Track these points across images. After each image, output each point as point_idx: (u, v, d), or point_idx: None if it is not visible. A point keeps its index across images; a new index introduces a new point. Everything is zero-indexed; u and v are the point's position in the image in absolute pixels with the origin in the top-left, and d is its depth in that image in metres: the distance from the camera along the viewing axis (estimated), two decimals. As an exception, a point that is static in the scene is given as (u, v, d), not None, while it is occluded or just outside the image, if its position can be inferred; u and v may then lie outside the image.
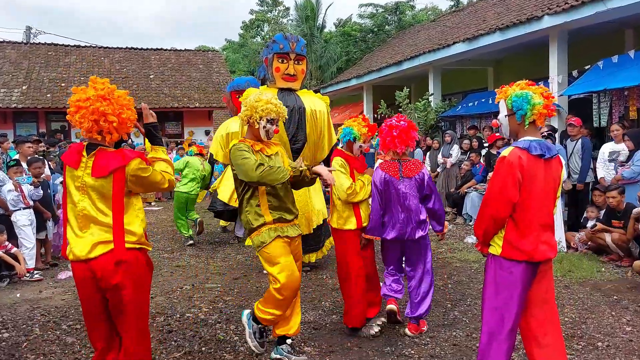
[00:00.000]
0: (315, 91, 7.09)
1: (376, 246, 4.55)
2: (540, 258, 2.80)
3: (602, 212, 6.78)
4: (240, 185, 3.57)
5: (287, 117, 5.63)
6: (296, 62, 5.98)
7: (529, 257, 2.77)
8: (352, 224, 4.13)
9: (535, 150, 2.76)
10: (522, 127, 2.89)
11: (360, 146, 4.25)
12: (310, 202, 6.03)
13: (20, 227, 6.26)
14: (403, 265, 4.39)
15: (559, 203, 3.64)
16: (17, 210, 6.28)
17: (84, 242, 2.71)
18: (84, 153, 2.79)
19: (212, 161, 8.31)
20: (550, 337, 2.84)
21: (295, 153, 5.95)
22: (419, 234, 4.08)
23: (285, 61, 5.95)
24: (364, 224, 4.16)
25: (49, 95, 17.09)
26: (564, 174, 3.27)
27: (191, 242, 7.98)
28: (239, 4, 74.64)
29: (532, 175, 2.76)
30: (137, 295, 2.76)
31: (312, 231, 5.98)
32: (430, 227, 4.25)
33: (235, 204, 7.72)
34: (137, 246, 2.79)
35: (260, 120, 3.53)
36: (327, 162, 6.14)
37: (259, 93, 3.64)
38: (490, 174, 8.82)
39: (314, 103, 6.09)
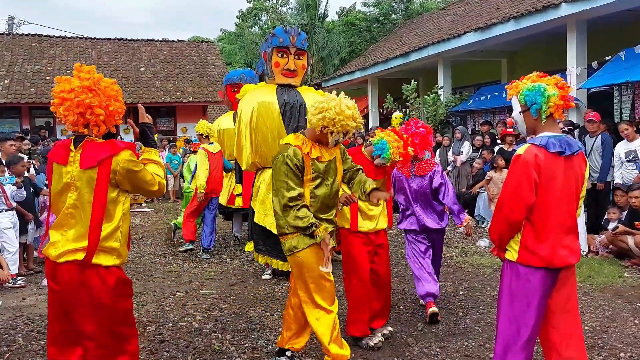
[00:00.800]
0: (318, 84, 7.13)
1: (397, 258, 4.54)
2: (560, 264, 2.75)
3: (624, 213, 6.76)
4: None
5: (284, 112, 5.71)
6: (296, 56, 5.98)
7: (547, 263, 2.73)
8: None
9: (553, 147, 2.70)
10: (539, 123, 2.84)
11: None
12: None
13: (2, 230, 6.26)
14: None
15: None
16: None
17: (61, 243, 2.72)
18: (72, 147, 2.79)
19: None
20: (573, 350, 2.80)
21: None
22: (439, 225, 4.77)
23: (285, 56, 5.95)
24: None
25: (32, 89, 17.11)
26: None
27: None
28: (235, -8, 74.77)
29: (550, 175, 2.70)
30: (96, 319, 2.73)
31: None
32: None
33: (226, 203, 7.77)
34: (110, 264, 2.75)
35: (334, 133, 3.45)
36: None
37: (339, 104, 3.44)
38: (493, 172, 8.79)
39: (315, 100, 6.12)
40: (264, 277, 6.16)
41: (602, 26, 9.86)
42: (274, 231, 5.78)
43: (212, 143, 7.68)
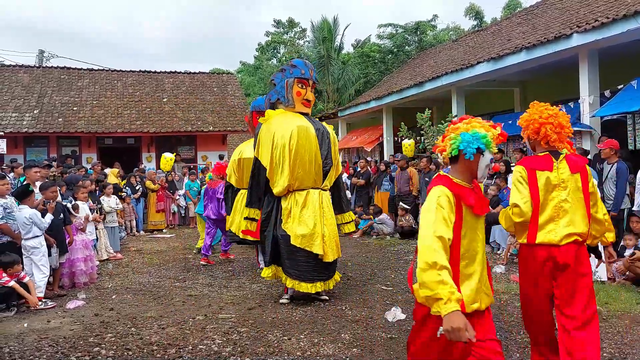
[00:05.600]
0: (334, 114, 7.42)
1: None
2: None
3: (641, 239, 6.65)
4: None
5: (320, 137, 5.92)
6: (312, 89, 6.35)
7: None
8: None
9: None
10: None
11: (491, 160, 2.90)
12: (335, 225, 6.33)
13: (37, 254, 6.36)
14: None
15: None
16: (34, 237, 6.36)
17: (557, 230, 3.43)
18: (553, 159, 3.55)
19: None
20: None
21: (325, 175, 6.19)
22: None
23: (304, 87, 6.25)
24: None
25: (60, 119, 17.51)
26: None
27: None
28: (254, 27, 76.33)
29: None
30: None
31: (341, 255, 6.32)
32: None
33: (241, 235, 7.69)
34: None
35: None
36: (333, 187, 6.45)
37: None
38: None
39: (330, 129, 6.45)
40: (281, 301, 6.13)
41: (614, 55, 9.86)
42: (316, 251, 5.86)
43: None
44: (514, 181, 3.58)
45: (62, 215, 7.02)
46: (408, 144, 12.98)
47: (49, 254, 6.83)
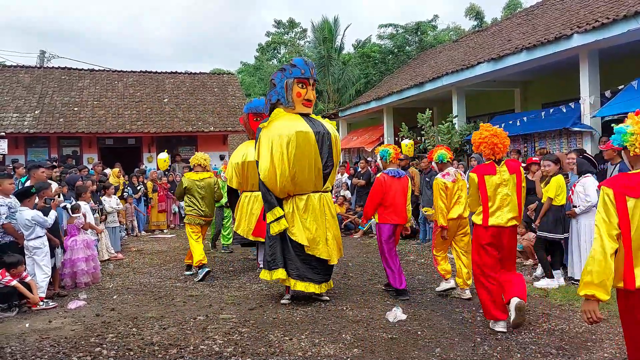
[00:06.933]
0: (334, 114, 7.38)
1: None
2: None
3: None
4: None
5: (317, 141, 5.85)
6: (312, 87, 6.23)
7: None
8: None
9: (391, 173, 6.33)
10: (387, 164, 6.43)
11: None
12: (337, 227, 6.35)
13: (40, 254, 6.36)
14: None
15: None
16: (37, 238, 6.37)
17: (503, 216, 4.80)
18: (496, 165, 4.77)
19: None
20: None
21: (325, 178, 6.16)
22: None
23: (304, 87, 6.13)
24: None
25: (61, 119, 17.51)
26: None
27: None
28: (255, 27, 76.35)
29: (390, 186, 6.30)
30: None
31: (343, 255, 6.38)
32: None
33: (251, 236, 7.68)
34: None
35: None
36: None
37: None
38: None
39: (331, 128, 6.35)
40: (282, 301, 6.13)
41: (614, 55, 9.86)
42: (319, 255, 5.92)
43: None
44: (471, 186, 5.13)
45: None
46: (406, 144, 12.98)
47: (53, 255, 6.84)
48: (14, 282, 5.94)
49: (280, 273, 5.93)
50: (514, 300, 4.72)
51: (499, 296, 4.91)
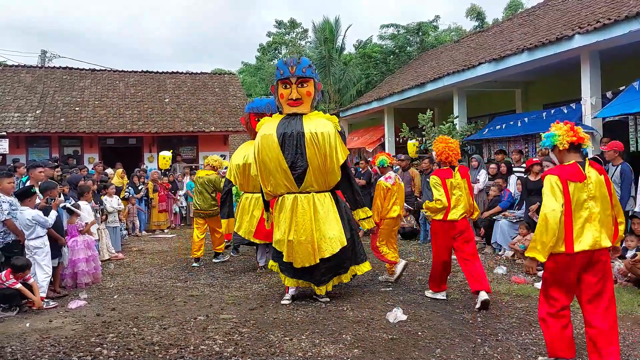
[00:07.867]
0: (335, 114, 7.36)
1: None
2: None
3: (642, 241, 6.64)
4: None
5: (282, 143, 5.85)
6: (299, 85, 6.07)
7: None
8: None
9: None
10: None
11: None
12: (319, 230, 5.99)
13: (41, 254, 6.36)
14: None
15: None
16: (37, 238, 6.37)
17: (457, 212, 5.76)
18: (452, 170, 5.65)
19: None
20: None
21: (298, 180, 5.99)
22: None
23: (288, 86, 6.10)
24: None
25: (62, 119, 17.51)
26: None
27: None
28: (255, 27, 76.33)
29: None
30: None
31: (318, 261, 5.96)
32: None
33: (252, 238, 7.70)
34: None
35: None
36: (338, 186, 6.28)
37: None
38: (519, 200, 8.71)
39: (317, 126, 6.00)
40: (283, 302, 6.13)
41: (616, 56, 9.85)
42: (285, 259, 6.03)
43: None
44: (433, 185, 5.89)
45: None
46: (413, 144, 13.00)
47: (60, 254, 6.84)
48: (18, 285, 5.95)
49: (273, 264, 6.31)
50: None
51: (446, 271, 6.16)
